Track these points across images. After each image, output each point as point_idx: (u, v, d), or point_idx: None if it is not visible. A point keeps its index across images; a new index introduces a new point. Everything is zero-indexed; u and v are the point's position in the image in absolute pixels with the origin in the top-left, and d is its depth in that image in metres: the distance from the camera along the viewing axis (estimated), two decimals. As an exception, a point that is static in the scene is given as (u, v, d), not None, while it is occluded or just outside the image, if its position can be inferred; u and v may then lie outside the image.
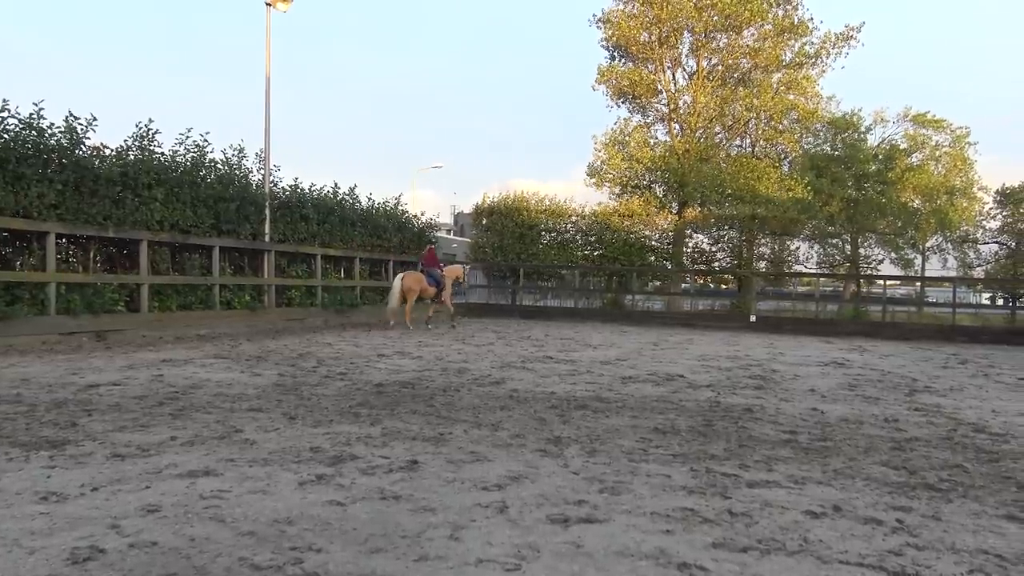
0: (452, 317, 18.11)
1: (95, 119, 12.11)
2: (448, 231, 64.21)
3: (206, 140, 14.65)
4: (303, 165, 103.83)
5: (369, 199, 19.99)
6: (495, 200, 25.93)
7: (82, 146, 11.98)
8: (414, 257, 21.33)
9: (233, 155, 15.61)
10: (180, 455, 4.43)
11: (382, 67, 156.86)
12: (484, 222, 25.90)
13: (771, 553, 3.12)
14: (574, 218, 25.78)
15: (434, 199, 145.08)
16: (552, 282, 25.59)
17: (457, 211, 73.88)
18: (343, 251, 18.41)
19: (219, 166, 15.03)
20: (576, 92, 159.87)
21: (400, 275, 16.51)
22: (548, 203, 25.70)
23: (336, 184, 18.78)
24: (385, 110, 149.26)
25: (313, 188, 17.93)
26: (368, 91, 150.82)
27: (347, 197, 19.01)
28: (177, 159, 13.96)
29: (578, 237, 25.81)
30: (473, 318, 21.32)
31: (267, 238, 15.88)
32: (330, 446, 4.76)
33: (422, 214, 22.49)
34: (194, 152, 14.39)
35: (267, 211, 15.85)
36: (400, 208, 21.21)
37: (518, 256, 24.45)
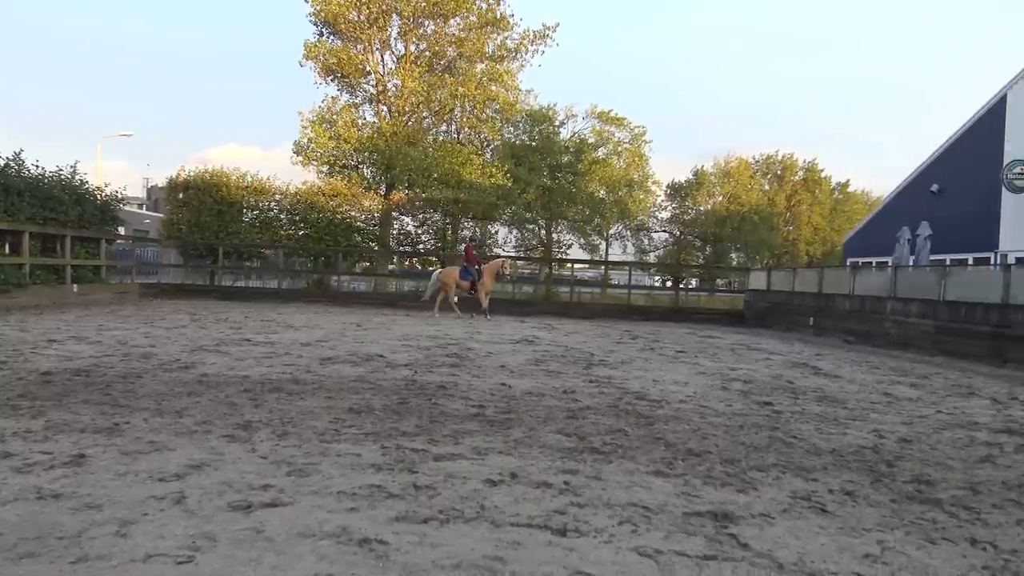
0: (485, 310, 18.13)
1: None
2: (140, 205, 59.34)
3: None
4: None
5: (37, 166, 17.71)
6: (192, 174, 24.22)
7: None
8: (95, 233, 19.34)
9: None
10: None
11: (66, 22, 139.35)
12: (180, 197, 24.10)
13: (450, 522, 3.30)
14: (278, 196, 24.89)
15: (126, 171, 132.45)
16: (255, 262, 24.55)
17: (151, 184, 68.68)
18: (8, 224, 16.17)
19: None
20: (287, 66, 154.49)
21: (437, 271, 18.77)
22: (250, 179, 24.54)
23: (-5, 147, 16.47)
24: (68, 70, 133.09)
25: (-32, 151, 15.54)
26: (50, 47, 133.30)
27: (12, 164, 16.72)
28: None
29: (282, 216, 24.97)
30: (165, 300, 19.88)
31: (-96, 206, 13.51)
32: (-23, 444, 4.21)
33: (106, 186, 20.44)
34: None
35: (-96, 174, 13.49)
36: (78, 178, 19.09)
37: (216, 234, 23.11)
